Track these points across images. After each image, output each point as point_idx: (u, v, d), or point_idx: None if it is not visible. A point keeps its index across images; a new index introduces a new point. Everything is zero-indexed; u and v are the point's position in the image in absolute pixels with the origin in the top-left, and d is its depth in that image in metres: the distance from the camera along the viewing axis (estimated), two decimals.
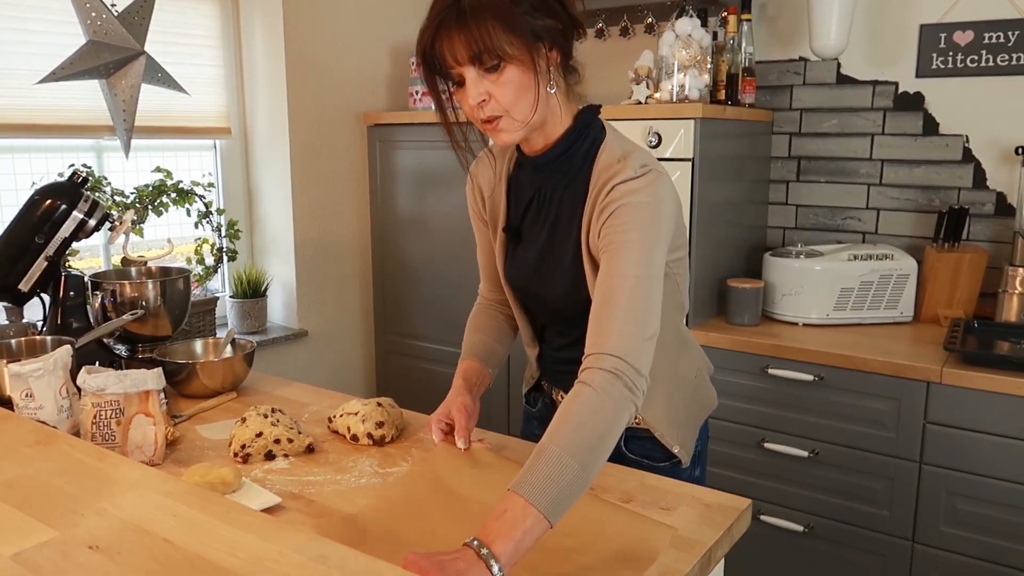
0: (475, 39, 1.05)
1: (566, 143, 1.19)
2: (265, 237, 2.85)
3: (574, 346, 1.28)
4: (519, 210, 1.29)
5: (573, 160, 1.20)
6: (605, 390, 1.01)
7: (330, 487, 1.22)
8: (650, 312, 1.08)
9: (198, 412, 1.56)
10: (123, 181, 2.47)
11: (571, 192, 1.22)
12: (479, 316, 1.46)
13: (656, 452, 1.31)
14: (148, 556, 0.80)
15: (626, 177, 1.12)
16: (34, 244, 1.71)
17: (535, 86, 1.10)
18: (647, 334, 1.07)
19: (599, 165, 1.18)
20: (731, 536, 1.10)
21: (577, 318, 1.20)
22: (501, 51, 1.06)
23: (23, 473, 1.01)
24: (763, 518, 2.14)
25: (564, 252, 1.22)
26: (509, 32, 1.05)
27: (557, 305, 1.28)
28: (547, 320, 1.37)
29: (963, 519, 1.88)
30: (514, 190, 1.31)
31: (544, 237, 1.25)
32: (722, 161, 2.30)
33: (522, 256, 1.29)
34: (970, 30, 2.24)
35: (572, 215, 1.21)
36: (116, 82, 2.32)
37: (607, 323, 1.07)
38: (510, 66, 1.08)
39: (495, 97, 1.09)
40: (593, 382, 1.02)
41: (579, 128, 1.19)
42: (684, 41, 2.24)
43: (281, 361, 2.73)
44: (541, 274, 1.26)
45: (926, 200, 2.38)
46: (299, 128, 2.71)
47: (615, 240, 1.10)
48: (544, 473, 0.94)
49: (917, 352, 1.98)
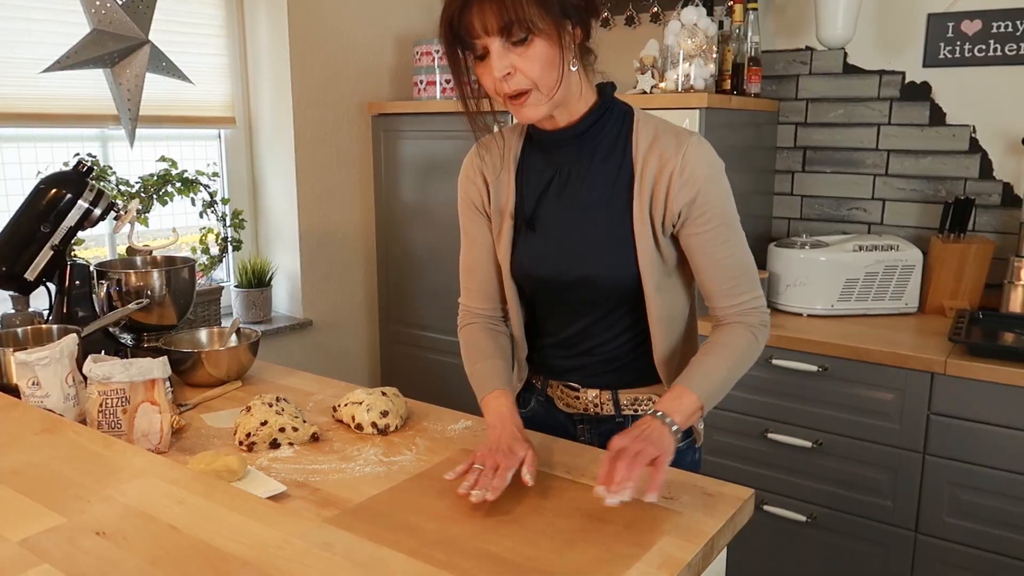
0: (507, 8, 1.05)
1: (594, 116, 1.20)
2: (270, 227, 2.86)
3: (577, 336, 1.30)
4: (533, 195, 1.27)
5: (604, 134, 1.21)
6: (755, 332, 1.23)
7: (335, 476, 1.22)
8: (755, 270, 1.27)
9: (203, 401, 1.57)
10: (128, 170, 2.47)
11: (608, 167, 1.21)
12: (481, 338, 1.34)
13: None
14: (154, 542, 0.81)
15: (691, 148, 1.18)
16: (40, 233, 1.72)
17: (560, 62, 1.11)
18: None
19: (640, 139, 1.20)
20: (734, 525, 1.11)
21: (598, 302, 1.25)
22: (532, 23, 1.06)
23: (30, 460, 1.02)
24: (767, 508, 2.15)
25: (602, 230, 1.21)
26: (540, 6, 1.06)
27: (587, 286, 1.24)
28: (553, 311, 1.32)
29: (966, 510, 1.88)
30: (524, 175, 1.28)
31: (572, 217, 1.23)
32: (727, 151, 2.26)
33: (538, 242, 1.26)
34: (978, 19, 2.23)
35: (613, 191, 1.21)
36: (121, 71, 2.32)
37: (745, 286, 1.23)
38: (538, 39, 1.08)
39: (521, 70, 1.09)
40: (748, 324, 1.23)
41: (606, 103, 1.21)
42: (690, 30, 2.23)
43: (286, 350, 2.74)
44: (569, 256, 1.23)
45: (932, 191, 2.38)
46: (303, 118, 2.70)
47: (713, 216, 1.20)
48: (705, 373, 1.18)
49: (922, 343, 1.97)
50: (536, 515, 1.08)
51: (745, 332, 1.22)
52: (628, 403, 1.33)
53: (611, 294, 1.24)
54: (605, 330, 1.29)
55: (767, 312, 1.26)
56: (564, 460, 1.25)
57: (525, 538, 1.02)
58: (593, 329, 1.29)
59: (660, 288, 1.23)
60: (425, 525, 1.05)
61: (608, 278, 1.22)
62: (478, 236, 1.33)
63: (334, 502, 1.13)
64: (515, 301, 1.33)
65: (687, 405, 1.15)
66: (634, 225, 1.19)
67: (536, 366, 1.40)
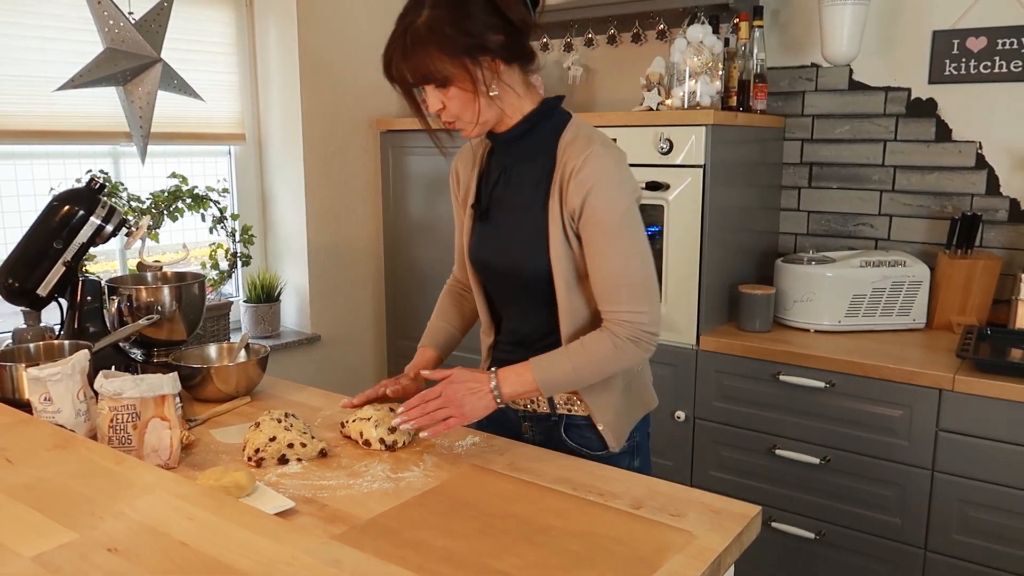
0: (418, 67, 1.24)
1: (528, 123, 1.34)
2: (279, 242, 2.88)
3: (530, 334, 1.44)
4: (488, 190, 1.42)
5: (536, 138, 1.35)
6: (617, 344, 1.29)
7: (343, 491, 1.23)
8: (655, 280, 1.33)
9: (212, 416, 1.58)
10: (139, 187, 2.50)
11: (535, 167, 1.35)
12: (447, 299, 1.62)
13: (593, 441, 1.42)
14: (164, 558, 0.82)
15: (593, 153, 1.27)
16: (52, 249, 1.74)
17: (475, 97, 1.27)
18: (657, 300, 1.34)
19: (564, 142, 1.32)
20: (741, 543, 1.11)
21: (535, 294, 1.37)
22: (441, 76, 1.24)
23: (42, 476, 1.03)
24: (774, 525, 2.14)
25: (525, 223, 1.35)
26: (447, 57, 1.22)
27: (515, 275, 1.38)
28: (506, 301, 1.46)
29: (975, 527, 1.87)
30: (485, 172, 1.45)
31: (509, 211, 1.38)
32: (733, 167, 2.30)
33: (487, 232, 1.42)
34: (983, 36, 2.24)
35: (536, 188, 1.34)
36: (133, 89, 2.35)
37: (623, 297, 1.29)
38: (452, 85, 1.25)
39: (447, 107, 1.28)
40: (614, 334, 1.29)
41: (542, 110, 1.35)
42: (696, 47, 2.25)
43: (294, 365, 2.75)
44: (504, 246, 1.39)
45: (939, 206, 2.38)
46: (312, 134, 2.73)
47: (598, 219, 1.29)
48: (553, 361, 1.30)
49: (929, 359, 1.97)
50: (544, 533, 1.08)
51: (607, 340, 1.29)
52: (562, 403, 1.42)
53: (536, 286, 1.36)
54: (542, 324, 1.40)
55: (646, 330, 1.29)
56: (569, 476, 1.26)
57: (533, 556, 1.02)
58: (530, 321, 1.42)
59: (570, 285, 1.33)
60: (432, 542, 1.06)
61: (528, 269, 1.35)
62: (458, 221, 1.53)
63: (342, 518, 1.13)
64: (478, 289, 1.49)
65: (524, 383, 1.29)
66: (549, 219, 1.32)
67: (495, 359, 1.51)
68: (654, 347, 1.31)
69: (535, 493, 1.20)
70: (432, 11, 1.21)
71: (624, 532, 1.07)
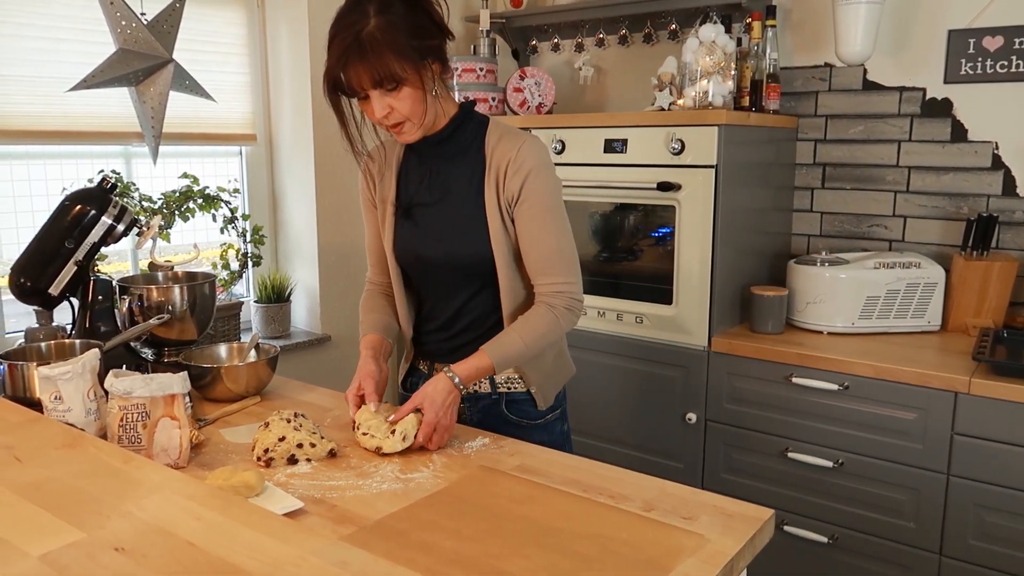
0: (375, 70, 1.31)
1: (453, 126, 1.45)
2: (289, 242, 2.88)
3: (454, 317, 1.53)
4: (409, 189, 1.52)
5: (463, 138, 1.46)
6: (556, 313, 1.43)
7: (352, 492, 1.22)
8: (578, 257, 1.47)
9: (222, 416, 1.58)
10: (151, 187, 2.51)
11: (465, 163, 1.46)
12: (371, 299, 1.65)
13: (532, 412, 1.55)
14: (172, 558, 0.81)
15: (526, 144, 1.41)
16: (64, 249, 1.74)
17: (424, 96, 1.37)
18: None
19: (491, 139, 1.44)
20: (754, 546, 1.09)
21: (472, 280, 1.48)
22: (397, 77, 1.32)
23: (51, 475, 1.03)
24: (787, 528, 2.12)
25: (460, 215, 1.45)
26: (402, 60, 1.31)
27: (451, 264, 1.47)
28: (431, 290, 1.54)
29: (992, 532, 1.84)
30: (404, 173, 1.54)
31: (438, 205, 1.48)
32: (746, 168, 2.28)
33: (412, 227, 1.50)
34: (1000, 35, 2.21)
35: (469, 183, 1.45)
36: (145, 89, 2.36)
37: (558, 268, 1.43)
38: (405, 86, 1.33)
39: (396, 109, 1.36)
40: (551, 306, 1.43)
41: (464, 114, 1.47)
42: (708, 47, 2.24)
43: (304, 365, 2.75)
44: (437, 238, 1.47)
45: (954, 208, 2.35)
46: (323, 134, 2.73)
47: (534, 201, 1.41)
48: (503, 343, 1.42)
49: (945, 362, 1.95)
50: (553, 535, 1.07)
51: (548, 312, 1.43)
52: (502, 381, 1.54)
53: (474, 270, 1.46)
54: (476, 308, 1.51)
55: (576, 298, 1.45)
56: (579, 478, 1.25)
57: (542, 559, 1.01)
58: (466, 308, 1.51)
59: (510, 265, 1.46)
60: (441, 544, 1.05)
61: (467, 255, 1.46)
62: (372, 225, 1.61)
63: (351, 519, 1.13)
64: (399, 284, 1.56)
65: (482, 369, 1.40)
66: (486, 208, 1.43)
67: (423, 352, 1.61)
68: (582, 314, 1.49)
69: (545, 495, 1.19)
70: (381, 17, 1.30)
71: (635, 535, 1.06)
